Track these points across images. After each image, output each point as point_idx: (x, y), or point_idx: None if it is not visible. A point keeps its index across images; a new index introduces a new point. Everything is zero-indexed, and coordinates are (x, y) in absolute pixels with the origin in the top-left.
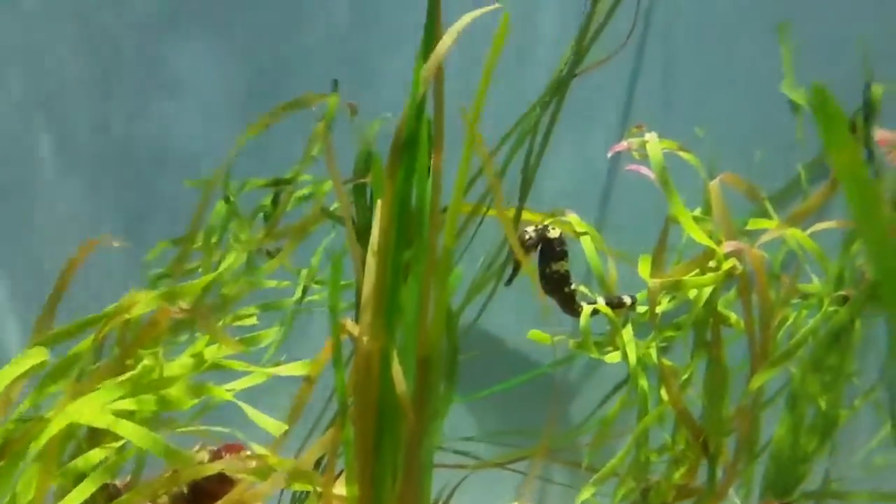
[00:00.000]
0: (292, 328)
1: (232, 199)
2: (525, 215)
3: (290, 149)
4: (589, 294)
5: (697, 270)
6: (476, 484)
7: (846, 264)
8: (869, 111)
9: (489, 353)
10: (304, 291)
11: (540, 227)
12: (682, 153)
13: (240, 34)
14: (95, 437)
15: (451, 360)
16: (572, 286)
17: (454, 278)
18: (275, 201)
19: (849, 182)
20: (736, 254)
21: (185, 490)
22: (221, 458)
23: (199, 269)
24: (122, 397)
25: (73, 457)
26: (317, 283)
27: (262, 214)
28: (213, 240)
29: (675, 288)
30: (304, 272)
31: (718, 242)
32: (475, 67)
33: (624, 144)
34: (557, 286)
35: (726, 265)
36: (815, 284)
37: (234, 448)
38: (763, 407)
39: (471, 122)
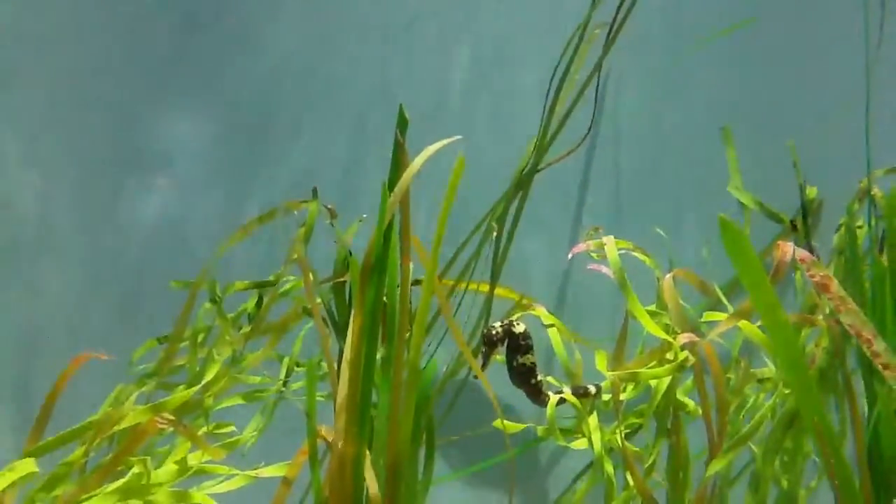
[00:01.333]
0: (278, 424)
1: (218, 300)
2: (499, 291)
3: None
4: (556, 384)
5: (655, 362)
6: None
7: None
8: (805, 210)
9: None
10: (287, 378)
11: (506, 322)
12: (636, 253)
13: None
14: None
15: (429, 445)
16: (539, 377)
17: (430, 369)
18: (258, 303)
19: (754, 292)
20: (690, 345)
21: None
22: None
23: (186, 366)
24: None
25: None
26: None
27: (246, 314)
28: (200, 338)
29: (633, 379)
30: (285, 360)
31: (674, 335)
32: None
33: (582, 246)
34: (525, 378)
35: (681, 356)
36: (769, 369)
37: None
38: (729, 485)
39: (429, 267)
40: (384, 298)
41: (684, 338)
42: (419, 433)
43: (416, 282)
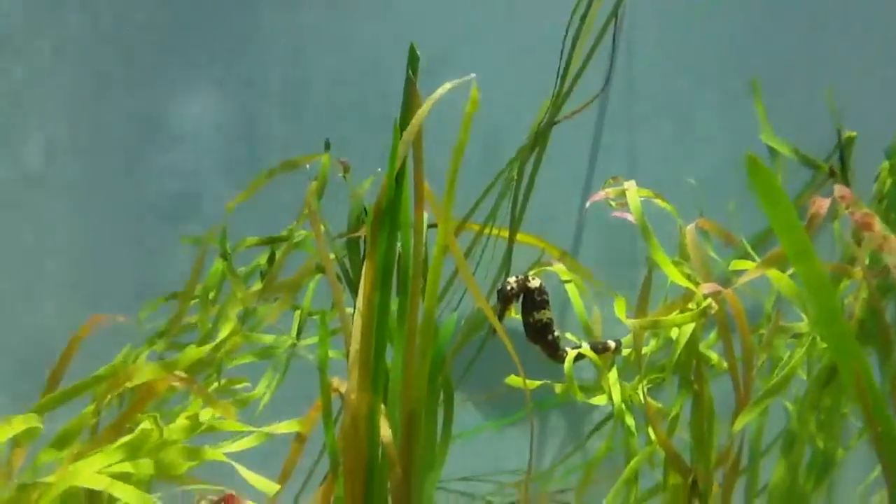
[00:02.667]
0: (291, 383)
1: (229, 256)
2: (522, 238)
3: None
4: (575, 340)
5: (678, 312)
6: None
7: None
8: (843, 156)
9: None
10: (299, 333)
11: (521, 277)
12: (657, 201)
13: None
14: (95, 499)
15: (448, 407)
16: (556, 333)
17: (447, 327)
18: (270, 259)
19: (785, 236)
20: (714, 295)
21: None
22: None
23: (197, 325)
24: (121, 460)
25: None
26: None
27: (258, 271)
28: (211, 296)
29: (654, 327)
30: (297, 314)
31: (697, 285)
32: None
33: (601, 194)
34: (541, 334)
35: (703, 304)
36: (804, 324)
37: (233, 499)
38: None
39: (445, 200)
40: (398, 247)
41: (707, 287)
42: (436, 388)
43: (433, 225)
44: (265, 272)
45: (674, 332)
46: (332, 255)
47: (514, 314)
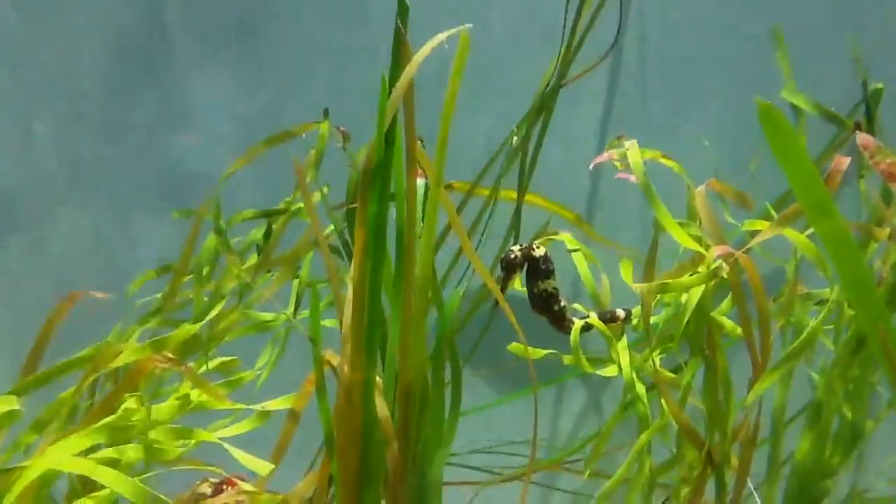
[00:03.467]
0: (293, 365)
1: (223, 230)
2: (531, 199)
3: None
4: (584, 311)
5: (687, 276)
6: (486, 498)
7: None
8: (869, 110)
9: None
10: (297, 307)
11: (525, 246)
12: (665, 161)
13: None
14: (89, 484)
15: (455, 384)
16: (562, 303)
17: (454, 298)
18: (267, 233)
19: (802, 190)
20: (726, 258)
21: None
22: (223, 492)
23: (192, 300)
24: (103, 442)
25: None
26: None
27: (255, 246)
28: (205, 271)
29: (662, 291)
30: (295, 284)
31: (708, 248)
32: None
33: (605, 155)
34: (546, 304)
35: (712, 265)
36: (829, 290)
37: (232, 483)
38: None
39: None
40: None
41: (719, 250)
42: (442, 363)
43: (448, 186)
44: (262, 247)
45: (684, 298)
46: (331, 227)
47: (520, 287)
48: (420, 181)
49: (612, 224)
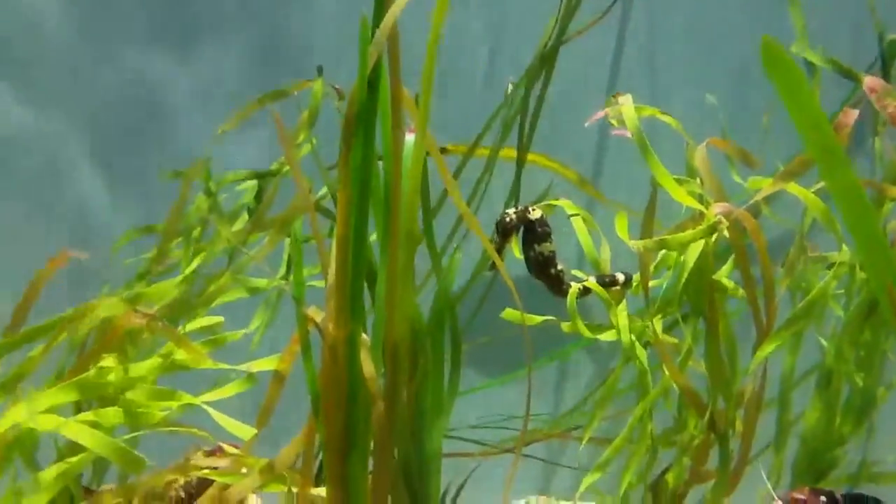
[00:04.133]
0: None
1: (213, 191)
2: (532, 157)
3: None
4: (583, 276)
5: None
6: (488, 471)
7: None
8: (886, 63)
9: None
10: (288, 268)
11: (520, 208)
12: (662, 117)
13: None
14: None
15: (455, 351)
16: (559, 267)
17: (453, 265)
18: (258, 195)
19: (807, 131)
20: (726, 216)
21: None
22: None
23: (181, 265)
24: (76, 399)
25: None
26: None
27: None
28: (195, 234)
29: (660, 247)
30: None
31: (708, 206)
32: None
33: (600, 113)
34: (543, 268)
35: (711, 221)
36: (842, 252)
37: (221, 450)
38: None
39: (424, 93)
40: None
41: (719, 207)
42: (442, 333)
43: (443, 150)
44: (253, 209)
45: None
46: (324, 188)
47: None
48: (410, 136)
49: (619, 192)
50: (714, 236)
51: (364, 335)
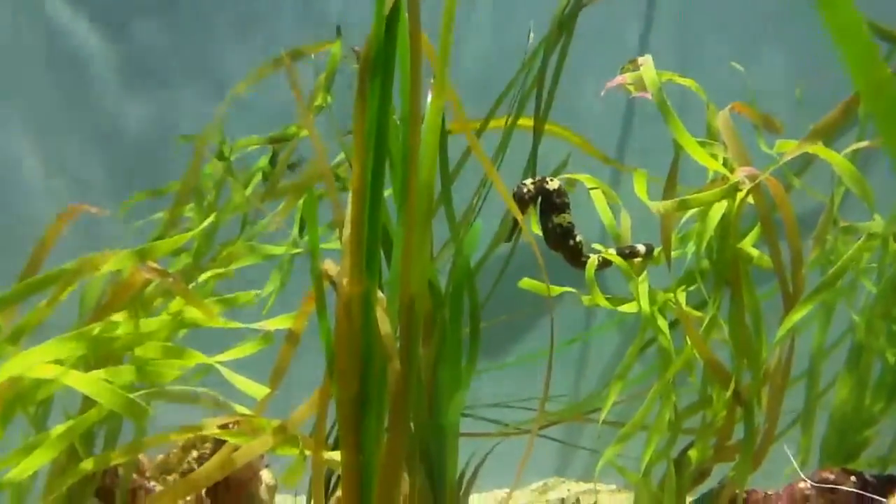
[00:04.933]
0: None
1: (227, 156)
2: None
3: None
4: (603, 249)
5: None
6: (505, 450)
7: None
8: None
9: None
10: (301, 230)
11: (538, 179)
12: (681, 81)
13: None
14: (88, 405)
15: (474, 322)
16: (577, 238)
17: (473, 233)
18: (273, 160)
19: (857, 66)
20: (751, 179)
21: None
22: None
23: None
24: (83, 353)
25: None
26: None
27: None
28: (208, 199)
29: (681, 208)
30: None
31: (732, 171)
32: None
33: (618, 79)
34: (561, 239)
35: (733, 180)
36: (875, 222)
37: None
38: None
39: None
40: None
41: (743, 171)
42: (460, 305)
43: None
44: (268, 174)
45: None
46: (342, 154)
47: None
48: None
49: (646, 150)
50: (738, 201)
51: (380, 293)
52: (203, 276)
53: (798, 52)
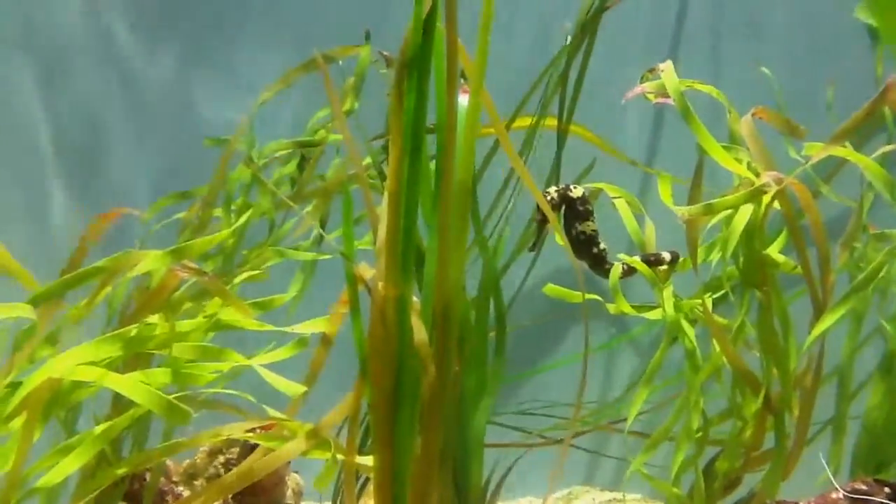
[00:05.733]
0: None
1: (254, 161)
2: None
3: None
4: (627, 260)
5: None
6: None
7: None
8: None
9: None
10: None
11: (562, 187)
12: (701, 87)
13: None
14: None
15: (500, 330)
16: (601, 245)
17: (500, 240)
18: (301, 165)
19: None
20: (776, 184)
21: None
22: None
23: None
24: (118, 354)
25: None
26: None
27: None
28: (236, 204)
29: (707, 212)
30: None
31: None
32: None
33: (638, 89)
34: (585, 247)
35: (758, 184)
36: None
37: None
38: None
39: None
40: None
41: (768, 176)
42: (486, 313)
43: None
44: (296, 179)
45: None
46: (367, 160)
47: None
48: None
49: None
50: (764, 205)
51: (414, 298)
52: (238, 279)
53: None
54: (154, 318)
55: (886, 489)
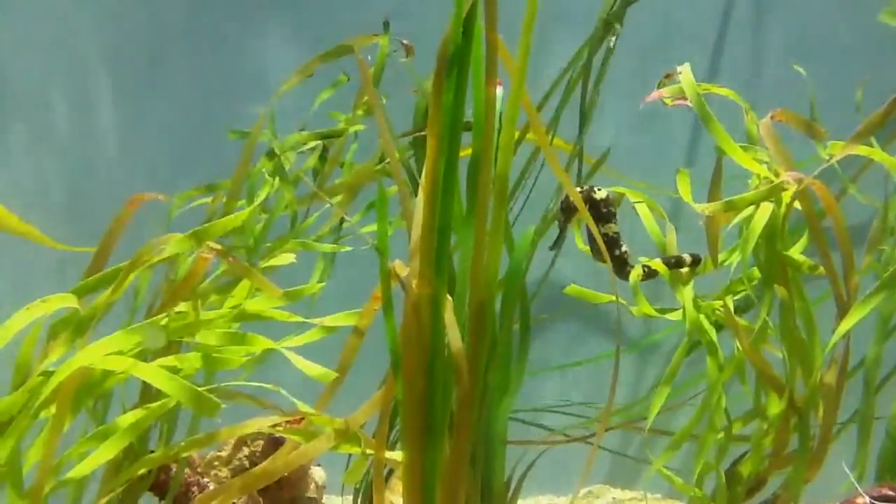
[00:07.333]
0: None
1: (277, 154)
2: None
3: None
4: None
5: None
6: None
7: None
8: None
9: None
10: (341, 224)
11: (585, 188)
12: (717, 90)
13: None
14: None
15: (524, 326)
16: (623, 248)
17: (526, 237)
18: (323, 157)
19: None
20: (797, 183)
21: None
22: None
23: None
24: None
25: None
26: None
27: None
28: (259, 198)
29: (728, 209)
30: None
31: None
32: None
33: (655, 94)
34: (607, 249)
35: (777, 182)
36: None
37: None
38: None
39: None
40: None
41: (789, 174)
42: (512, 306)
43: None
44: (318, 171)
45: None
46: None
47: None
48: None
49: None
50: (784, 204)
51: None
52: (264, 263)
53: None
54: (182, 307)
55: None
